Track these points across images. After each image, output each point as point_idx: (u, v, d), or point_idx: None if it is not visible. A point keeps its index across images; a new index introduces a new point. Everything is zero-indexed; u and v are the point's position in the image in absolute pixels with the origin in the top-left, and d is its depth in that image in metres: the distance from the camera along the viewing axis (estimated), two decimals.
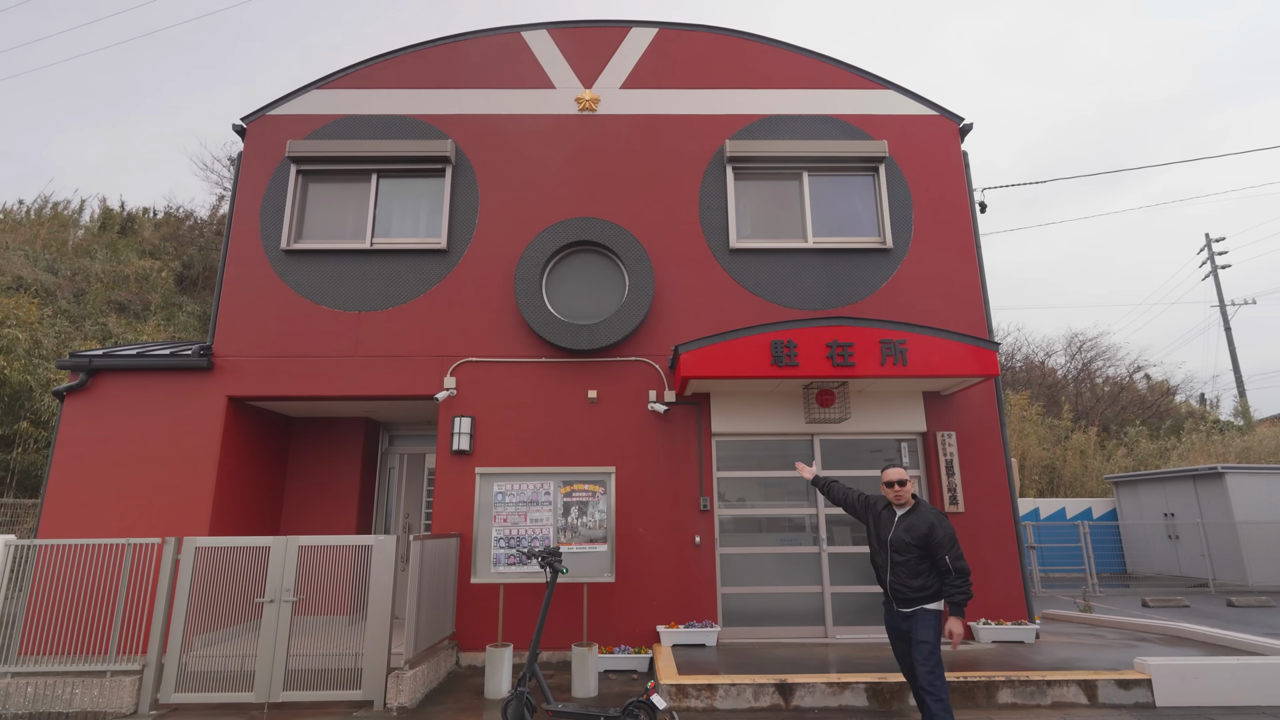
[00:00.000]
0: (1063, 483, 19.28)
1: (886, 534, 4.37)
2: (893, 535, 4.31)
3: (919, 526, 4.23)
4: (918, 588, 4.20)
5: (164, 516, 6.98)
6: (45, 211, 22.31)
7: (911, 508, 4.38)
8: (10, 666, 5.42)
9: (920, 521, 4.25)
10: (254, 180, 8.18)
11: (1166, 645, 6.90)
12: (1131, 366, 26.98)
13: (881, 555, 4.40)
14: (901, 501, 4.41)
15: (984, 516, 7.39)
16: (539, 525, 6.55)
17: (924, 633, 4.17)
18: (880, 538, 4.42)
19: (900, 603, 4.27)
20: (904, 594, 4.23)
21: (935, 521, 4.23)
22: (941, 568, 4.15)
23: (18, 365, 11.41)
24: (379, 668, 5.37)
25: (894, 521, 4.37)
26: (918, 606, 4.21)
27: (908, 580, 4.22)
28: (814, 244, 8.12)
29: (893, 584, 4.29)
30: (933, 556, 4.18)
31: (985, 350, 6.92)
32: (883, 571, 4.39)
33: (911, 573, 4.21)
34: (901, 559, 4.25)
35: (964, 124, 8.57)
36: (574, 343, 7.56)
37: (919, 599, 4.20)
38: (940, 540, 4.15)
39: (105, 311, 16.66)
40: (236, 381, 7.51)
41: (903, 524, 4.31)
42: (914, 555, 4.21)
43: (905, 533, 4.26)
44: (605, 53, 8.64)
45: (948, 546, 4.14)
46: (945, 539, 4.15)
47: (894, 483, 4.39)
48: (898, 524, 4.34)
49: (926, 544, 4.19)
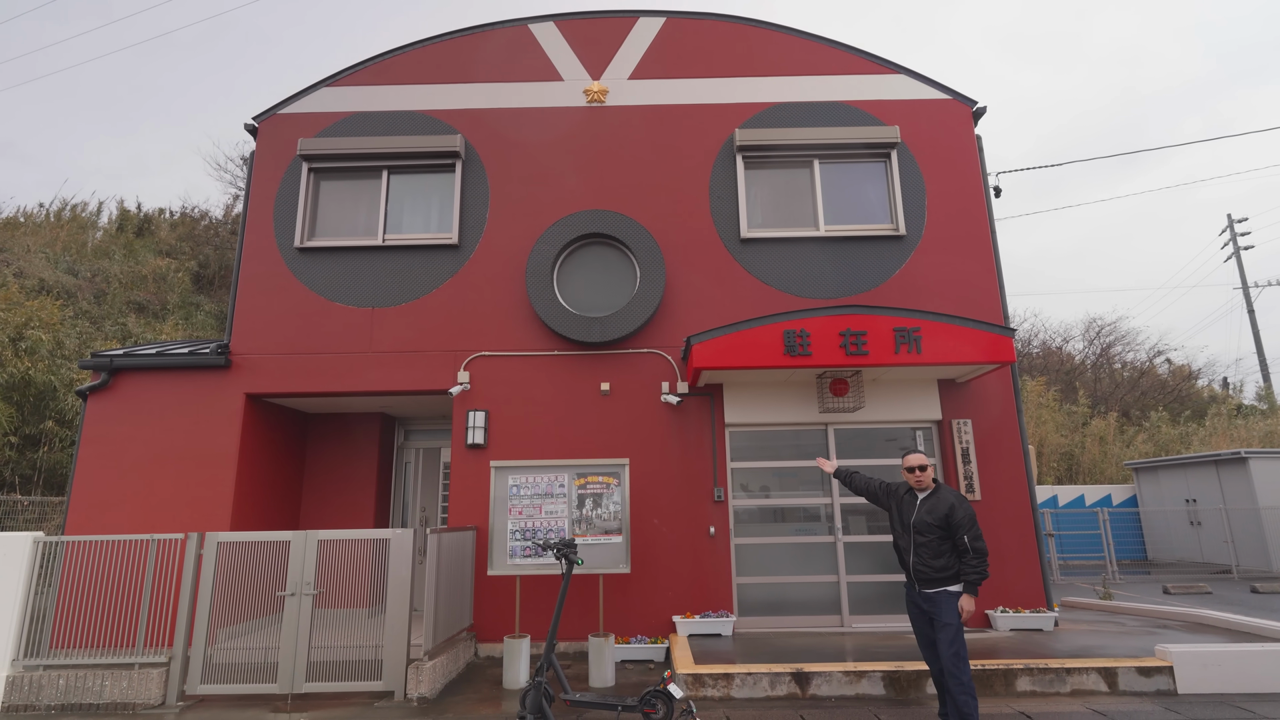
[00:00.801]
0: (1081, 469, 19.07)
1: (909, 517, 4.47)
2: (915, 517, 4.43)
3: (940, 508, 4.35)
4: (940, 568, 4.30)
5: (186, 512, 7.10)
6: (64, 214, 22.65)
7: (932, 491, 4.49)
8: (42, 659, 5.55)
9: (941, 503, 4.37)
10: (267, 179, 8.24)
11: (1188, 632, 6.83)
12: (1152, 351, 26.60)
13: (904, 538, 4.50)
14: (923, 486, 4.50)
15: (1001, 504, 7.34)
16: (554, 517, 6.59)
17: (948, 615, 4.27)
18: (903, 521, 4.52)
19: (923, 583, 4.37)
20: (926, 574, 4.34)
21: (955, 502, 4.35)
22: (960, 547, 4.26)
23: (42, 366, 11.62)
24: (399, 659, 5.44)
25: (916, 505, 4.49)
26: (940, 588, 4.30)
27: (930, 561, 4.32)
28: (826, 232, 8.06)
29: (915, 565, 4.39)
30: (952, 536, 4.29)
31: (1001, 337, 6.85)
32: (905, 554, 4.49)
33: (934, 553, 4.32)
34: (924, 540, 4.36)
35: (977, 107, 8.45)
36: (586, 335, 7.58)
37: (941, 579, 4.30)
38: (960, 520, 4.27)
39: (125, 311, 16.92)
40: (254, 379, 7.60)
41: (924, 506, 4.43)
42: (935, 536, 4.32)
43: (927, 514, 4.37)
44: (613, 44, 8.60)
45: (967, 526, 4.26)
46: (965, 519, 4.28)
47: (915, 468, 4.50)
48: (920, 506, 4.46)
49: (947, 524, 4.30)
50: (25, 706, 5.41)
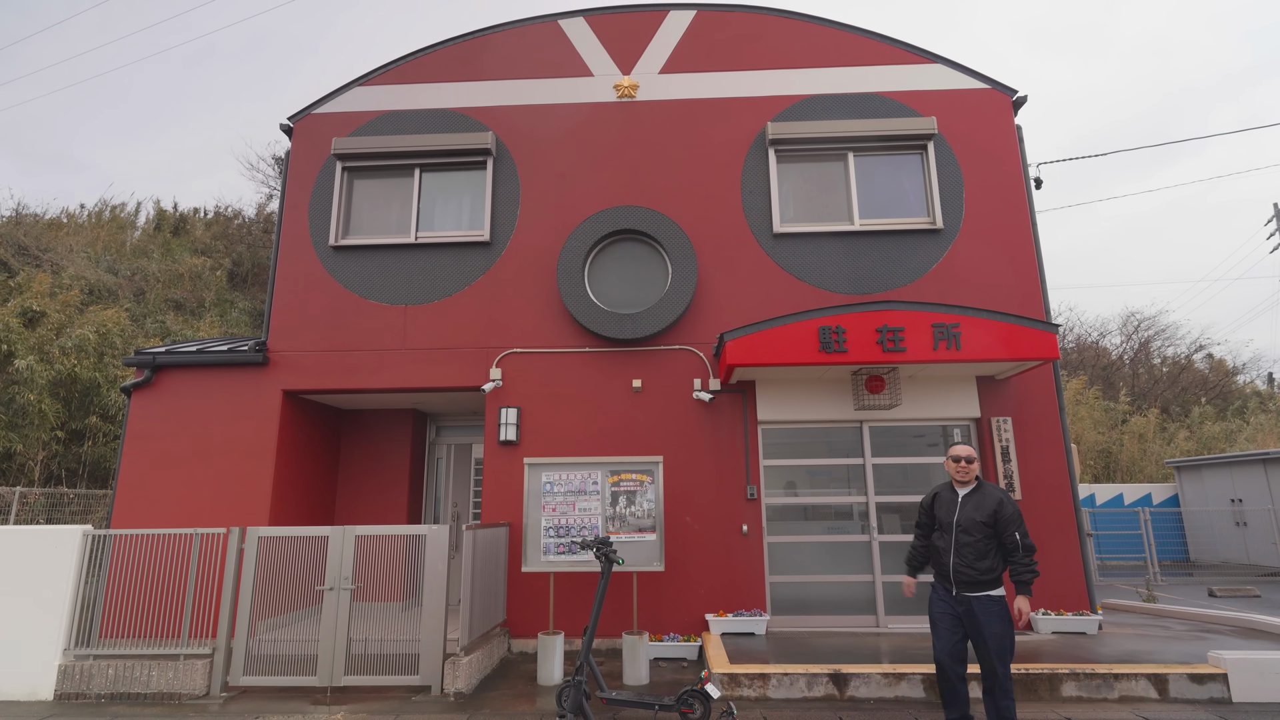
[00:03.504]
0: (1119, 467, 18.61)
1: (952, 515, 4.27)
2: (960, 515, 4.23)
3: (987, 504, 4.16)
4: (985, 569, 4.10)
5: (227, 506, 7.24)
6: (104, 215, 23.27)
7: (975, 487, 4.30)
8: (92, 649, 5.71)
9: (988, 499, 4.19)
10: (302, 178, 8.35)
11: (1239, 638, 6.61)
12: (1193, 346, 25.82)
13: (945, 538, 4.27)
14: (965, 479, 4.32)
15: (1043, 504, 7.16)
16: (587, 515, 6.59)
17: (997, 624, 4.03)
18: (945, 519, 4.31)
19: (963, 586, 4.14)
20: (969, 576, 4.11)
21: (1003, 499, 4.18)
22: (1009, 545, 4.07)
23: (88, 363, 11.96)
24: (435, 654, 5.49)
25: (958, 502, 4.29)
26: (983, 592, 4.09)
27: (975, 562, 4.11)
28: (860, 226, 7.92)
29: (956, 566, 4.16)
30: (1000, 535, 4.10)
31: (1044, 332, 6.67)
32: (945, 554, 4.24)
33: (979, 554, 4.11)
34: (969, 539, 4.15)
35: (1017, 97, 8.23)
36: (618, 332, 7.55)
37: (985, 582, 4.09)
38: (1009, 517, 4.10)
39: (164, 309, 17.34)
40: (290, 376, 7.72)
41: (970, 503, 4.24)
42: (981, 535, 4.13)
43: (975, 511, 4.18)
44: (643, 38, 8.53)
45: (1017, 523, 4.08)
46: (1014, 515, 4.10)
47: (961, 458, 4.32)
48: (964, 503, 4.26)
49: (995, 521, 4.11)
50: (77, 695, 5.56)
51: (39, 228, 19.24)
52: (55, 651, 5.65)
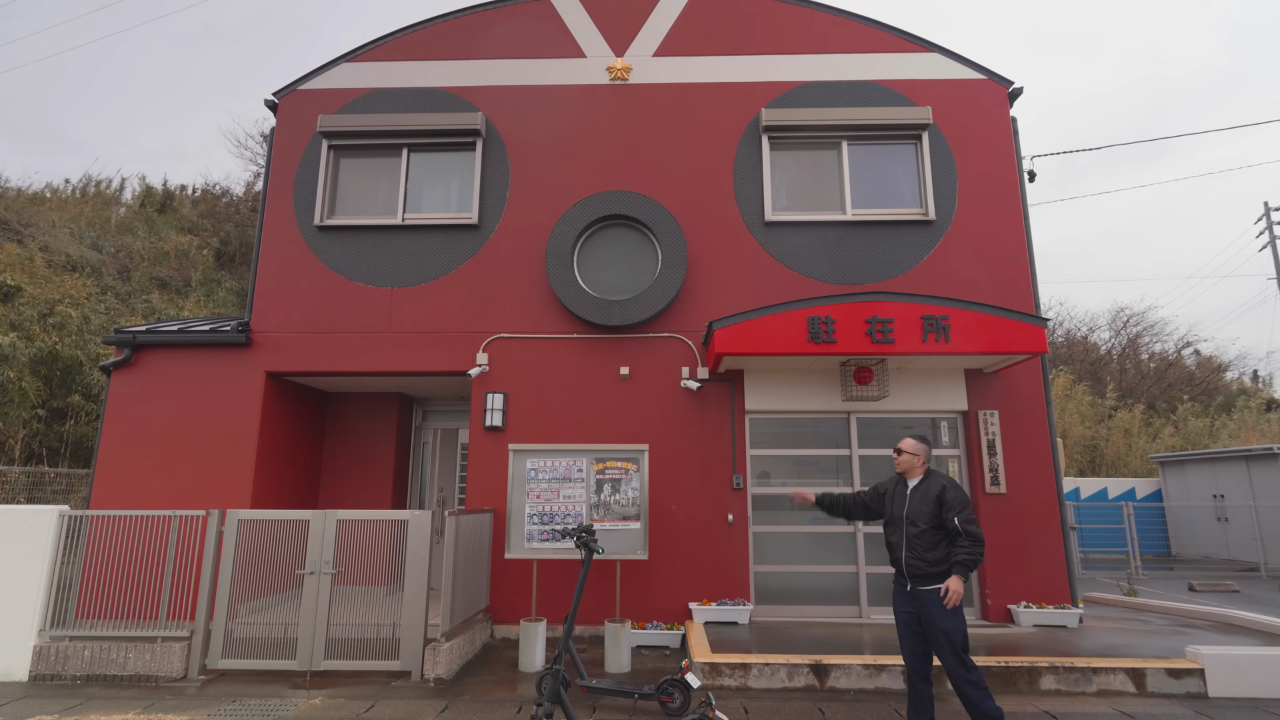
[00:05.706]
0: (1105, 462, 18.76)
1: (901, 508, 4.27)
2: (909, 507, 4.22)
3: (932, 490, 4.16)
4: (934, 561, 4.05)
5: (207, 488, 7.16)
6: (89, 190, 22.87)
7: (923, 478, 4.29)
8: (68, 630, 5.64)
9: (933, 486, 4.18)
10: (287, 156, 8.19)
11: (1218, 633, 6.67)
12: (1180, 342, 26.00)
13: (896, 532, 4.26)
14: (902, 470, 4.35)
15: (1027, 498, 7.18)
16: (572, 502, 6.55)
17: (945, 617, 3.98)
18: (894, 513, 4.30)
19: (916, 579, 4.10)
20: (920, 569, 4.08)
21: (946, 484, 4.16)
22: (951, 529, 4.03)
23: (69, 341, 11.77)
24: (416, 639, 5.45)
25: (907, 494, 4.29)
26: (933, 585, 4.04)
27: (925, 554, 4.07)
28: (853, 216, 7.86)
29: (908, 559, 4.14)
30: (942, 518, 4.07)
31: (1033, 326, 6.65)
32: (898, 549, 4.24)
33: (928, 545, 4.08)
34: (917, 530, 4.12)
35: (1013, 88, 8.15)
36: (606, 319, 7.48)
37: (936, 574, 4.04)
38: (951, 501, 4.06)
39: (149, 288, 17.09)
40: (274, 357, 7.61)
41: (917, 494, 4.23)
42: (929, 526, 4.10)
43: (921, 501, 4.17)
44: (638, 19, 8.38)
45: (958, 508, 4.03)
46: (957, 501, 4.06)
47: (898, 449, 4.35)
48: (912, 495, 4.25)
49: (939, 508, 4.10)
50: (52, 676, 5.50)
51: (20, 202, 18.88)
52: (30, 632, 5.58)
